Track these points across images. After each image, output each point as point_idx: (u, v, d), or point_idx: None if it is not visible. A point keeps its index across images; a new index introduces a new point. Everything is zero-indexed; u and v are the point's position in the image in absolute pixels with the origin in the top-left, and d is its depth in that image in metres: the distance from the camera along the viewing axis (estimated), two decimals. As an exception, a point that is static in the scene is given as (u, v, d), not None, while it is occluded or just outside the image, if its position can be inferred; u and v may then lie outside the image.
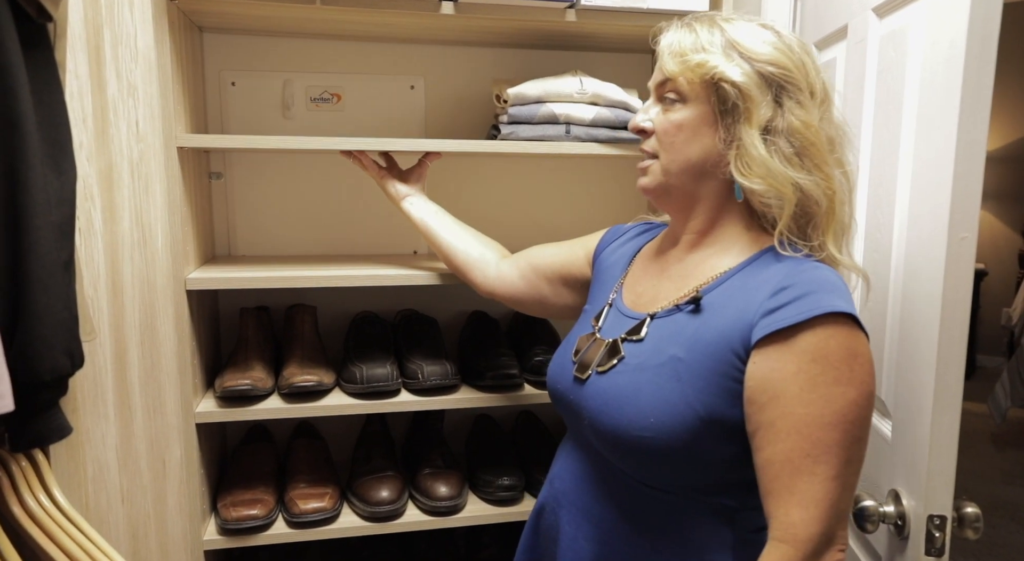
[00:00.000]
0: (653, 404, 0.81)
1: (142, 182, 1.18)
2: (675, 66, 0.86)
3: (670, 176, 0.89)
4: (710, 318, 0.83)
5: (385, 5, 1.23)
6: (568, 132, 1.35)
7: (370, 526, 1.33)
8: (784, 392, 0.75)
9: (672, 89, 0.87)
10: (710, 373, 0.80)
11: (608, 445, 0.87)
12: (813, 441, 0.74)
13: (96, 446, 1.20)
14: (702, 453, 0.80)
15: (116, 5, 1.11)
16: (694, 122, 0.86)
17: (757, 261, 0.86)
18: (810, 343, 0.75)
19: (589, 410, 0.88)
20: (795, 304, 0.76)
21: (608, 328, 0.95)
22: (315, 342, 1.45)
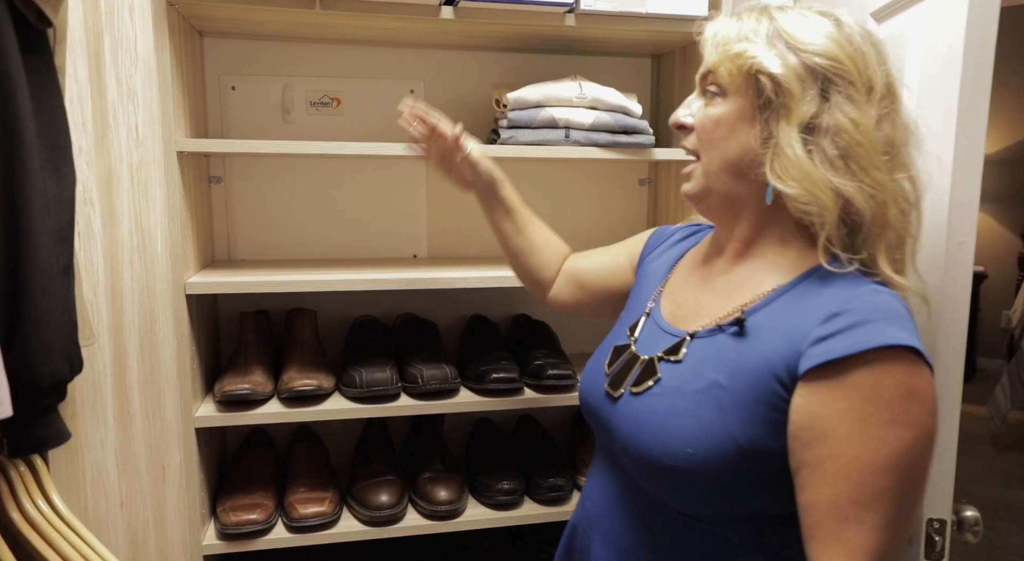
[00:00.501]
0: (691, 432, 0.75)
1: (142, 186, 1.18)
2: (715, 56, 0.79)
3: (710, 177, 0.82)
4: (755, 342, 0.75)
5: (385, 10, 1.23)
6: (567, 136, 1.35)
7: (370, 530, 1.33)
8: (833, 431, 0.68)
9: (713, 81, 0.80)
10: (753, 402, 0.73)
11: (641, 471, 0.81)
12: (863, 486, 0.66)
13: (95, 451, 1.20)
14: (742, 484, 0.74)
15: (116, 10, 1.12)
16: (732, 117, 0.79)
17: (808, 280, 0.77)
18: (864, 379, 0.67)
19: (621, 432, 0.83)
20: (849, 333, 0.68)
21: (644, 341, 0.89)
22: (315, 346, 1.45)
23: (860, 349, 0.67)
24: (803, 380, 0.70)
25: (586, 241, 1.63)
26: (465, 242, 1.64)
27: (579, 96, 1.35)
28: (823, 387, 0.68)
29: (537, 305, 1.68)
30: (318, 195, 1.55)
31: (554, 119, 1.34)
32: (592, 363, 0.96)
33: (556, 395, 1.39)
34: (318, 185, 1.55)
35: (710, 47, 0.81)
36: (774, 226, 0.81)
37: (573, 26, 1.31)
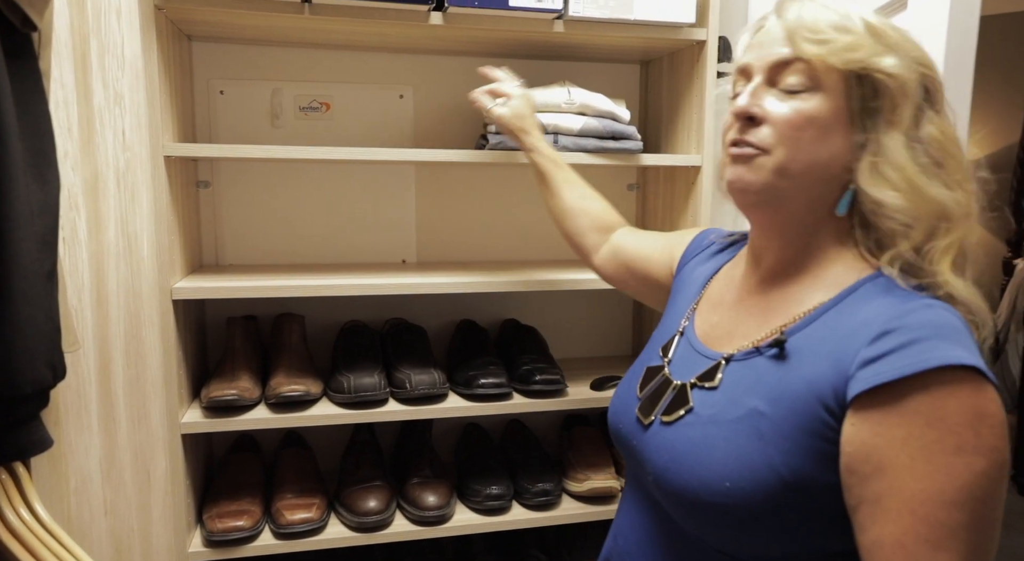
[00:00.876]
0: (729, 465, 0.69)
1: (128, 191, 1.17)
2: (813, 47, 0.70)
3: (785, 178, 0.72)
4: (797, 365, 0.69)
5: (374, 15, 1.23)
6: (556, 142, 1.36)
7: (358, 537, 1.32)
8: (892, 463, 0.61)
9: (802, 73, 0.71)
10: (797, 432, 0.66)
11: (675, 506, 0.75)
12: (931, 523, 0.59)
13: (79, 458, 1.19)
14: (787, 521, 0.67)
15: (103, 14, 1.11)
16: (829, 118, 0.70)
17: (854, 295, 0.71)
18: (923, 403, 0.60)
19: (654, 464, 0.77)
20: (902, 353, 0.62)
21: (678, 363, 0.83)
22: (303, 351, 1.44)
23: (915, 370, 0.60)
24: (853, 407, 0.63)
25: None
26: (454, 247, 1.64)
27: (568, 102, 1.36)
28: (877, 414, 0.62)
29: (526, 310, 1.68)
30: (307, 200, 1.55)
31: (543, 125, 1.34)
32: (624, 385, 0.90)
33: (544, 400, 1.39)
34: (307, 190, 1.55)
35: (801, 35, 0.71)
36: (823, 238, 0.75)
37: (562, 32, 1.32)
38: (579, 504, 1.45)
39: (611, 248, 1.13)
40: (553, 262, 1.64)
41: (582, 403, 1.42)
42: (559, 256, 1.69)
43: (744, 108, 0.73)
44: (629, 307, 1.77)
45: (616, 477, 1.46)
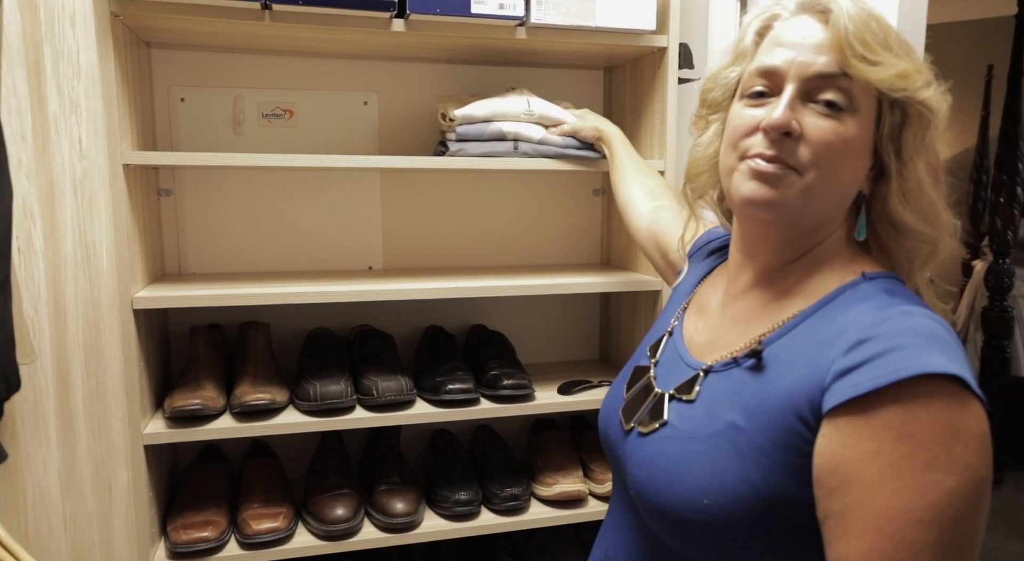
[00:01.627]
0: (707, 482, 0.66)
1: (86, 200, 1.16)
2: (864, 66, 0.66)
3: (811, 199, 0.68)
4: (774, 376, 0.67)
5: (335, 22, 1.23)
6: (516, 148, 1.38)
7: (325, 545, 1.31)
8: (859, 477, 0.58)
9: (843, 91, 0.67)
10: (774, 447, 0.64)
11: (656, 522, 0.73)
12: (897, 542, 0.56)
13: (37, 471, 1.17)
14: (768, 537, 0.65)
15: (57, 21, 1.10)
16: (860, 141, 0.68)
17: (834, 302, 0.69)
18: (895, 415, 0.58)
19: (634, 478, 0.75)
20: (876, 363, 0.59)
21: (663, 366, 0.82)
22: (268, 360, 1.43)
23: (889, 381, 0.58)
24: (827, 418, 0.61)
25: (543, 249, 1.65)
26: (421, 253, 1.64)
27: (527, 112, 1.39)
28: (849, 426, 0.59)
29: (494, 316, 1.69)
30: (271, 207, 1.54)
31: (503, 132, 1.36)
32: (616, 382, 0.89)
33: (512, 405, 1.40)
34: (271, 197, 1.54)
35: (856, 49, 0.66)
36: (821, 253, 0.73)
37: (524, 39, 1.33)
38: (548, 508, 1.45)
39: (652, 217, 1.16)
40: (520, 267, 1.65)
41: (550, 408, 1.43)
42: (526, 261, 1.70)
43: (784, 122, 0.67)
44: (596, 312, 1.78)
45: (584, 481, 1.47)
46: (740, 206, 0.72)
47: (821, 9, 0.69)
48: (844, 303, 0.68)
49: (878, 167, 0.71)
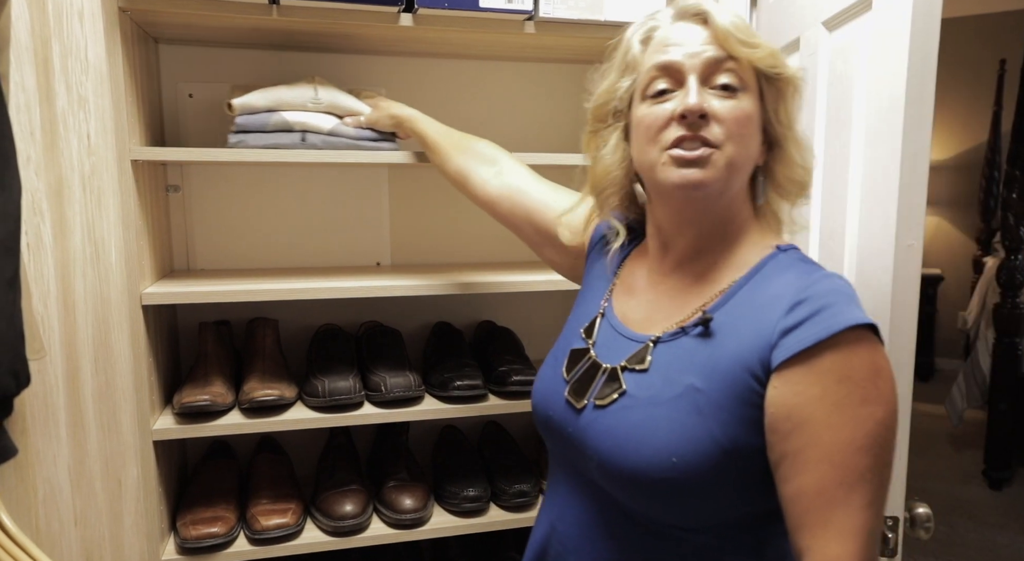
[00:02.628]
0: (674, 441, 0.73)
1: (94, 196, 1.16)
2: (746, 50, 0.76)
3: (733, 171, 0.77)
4: (724, 340, 0.75)
5: (343, 16, 1.23)
6: (304, 140, 1.28)
7: (334, 541, 1.32)
8: (810, 418, 0.68)
9: (734, 73, 0.77)
10: (731, 402, 0.72)
11: (621, 487, 0.78)
12: (846, 468, 0.67)
13: (47, 467, 1.17)
14: (729, 487, 0.74)
15: (65, 16, 1.09)
16: (755, 114, 0.78)
17: (761, 272, 0.78)
18: (834, 362, 0.68)
19: (596, 450, 0.79)
20: (814, 320, 0.70)
21: (602, 345, 0.86)
22: (276, 356, 1.43)
23: (829, 333, 0.68)
24: (776, 372, 0.70)
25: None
26: (428, 249, 1.64)
27: (314, 101, 1.28)
28: (796, 376, 0.69)
29: (502, 311, 1.68)
30: (279, 203, 1.54)
31: (288, 123, 1.26)
32: (547, 369, 0.92)
33: (521, 401, 1.39)
34: (279, 193, 1.54)
35: (737, 37, 0.76)
36: (736, 223, 0.82)
37: (532, 34, 1.32)
38: (556, 504, 1.45)
39: (507, 188, 1.13)
40: (528, 263, 1.64)
41: (558, 403, 1.43)
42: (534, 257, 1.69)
43: (699, 104, 0.75)
44: (605, 307, 1.77)
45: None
46: (671, 191, 0.79)
47: (695, 13, 0.80)
48: (770, 272, 0.78)
49: (768, 142, 0.81)
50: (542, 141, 1.66)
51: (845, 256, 1.06)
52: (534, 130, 1.66)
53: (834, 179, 1.10)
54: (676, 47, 0.78)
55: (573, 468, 0.86)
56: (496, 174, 1.16)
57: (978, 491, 3.32)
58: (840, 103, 1.09)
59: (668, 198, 0.82)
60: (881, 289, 0.95)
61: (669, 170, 0.77)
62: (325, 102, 1.28)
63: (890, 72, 0.93)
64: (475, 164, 1.19)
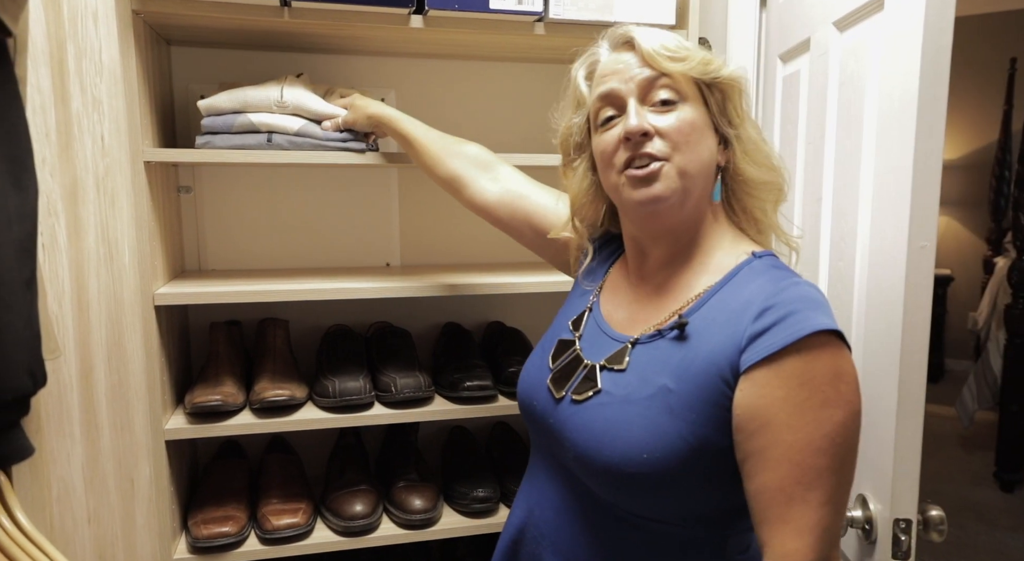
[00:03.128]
0: (646, 439, 0.77)
1: (108, 197, 1.16)
2: (676, 64, 0.81)
3: (687, 179, 0.81)
4: (697, 344, 0.79)
5: (354, 18, 1.23)
6: (270, 140, 1.26)
7: (344, 541, 1.32)
8: (773, 419, 0.72)
9: (669, 88, 0.82)
10: (702, 403, 0.76)
11: (596, 479, 0.82)
12: (804, 468, 0.71)
13: (61, 466, 1.18)
14: (696, 482, 0.78)
15: (80, 19, 1.10)
16: (701, 121, 0.83)
17: (735, 278, 0.82)
18: (796, 367, 0.72)
19: (573, 443, 0.83)
20: (780, 326, 0.74)
21: (587, 339, 0.91)
22: (287, 356, 1.43)
23: (793, 339, 0.72)
24: (744, 375, 0.74)
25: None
26: (438, 250, 1.64)
27: (279, 103, 1.26)
28: (761, 379, 0.73)
29: (511, 312, 1.69)
30: (289, 204, 1.55)
31: (253, 124, 1.25)
32: (536, 356, 0.97)
33: (530, 402, 1.39)
34: (289, 194, 1.54)
35: (664, 54, 0.82)
36: (704, 227, 0.86)
37: (543, 35, 1.32)
38: (566, 505, 1.45)
39: (506, 193, 1.15)
40: (537, 264, 1.64)
41: (567, 404, 1.43)
42: (543, 258, 1.69)
43: (640, 126, 0.81)
44: (614, 308, 1.77)
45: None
46: (634, 209, 0.84)
47: (625, 41, 0.86)
48: (744, 278, 0.81)
49: (722, 140, 0.85)
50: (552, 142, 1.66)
51: (857, 258, 1.06)
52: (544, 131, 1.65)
53: (845, 180, 1.10)
54: (612, 76, 0.85)
55: (552, 455, 0.90)
56: (493, 179, 1.17)
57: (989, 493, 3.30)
58: (851, 103, 1.09)
59: (634, 215, 0.87)
60: (893, 290, 0.94)
61: (629, 190, 0.83)
62: (290, 105, 1.27)
63: (902, 72, 0.93)
64: (471, 170, 1.18)
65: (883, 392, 0.96)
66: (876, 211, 1.00)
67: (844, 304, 1.10)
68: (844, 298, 1.10)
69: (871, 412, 1.00)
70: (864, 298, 1.04)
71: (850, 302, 1.08)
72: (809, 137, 1.26)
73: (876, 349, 0.99)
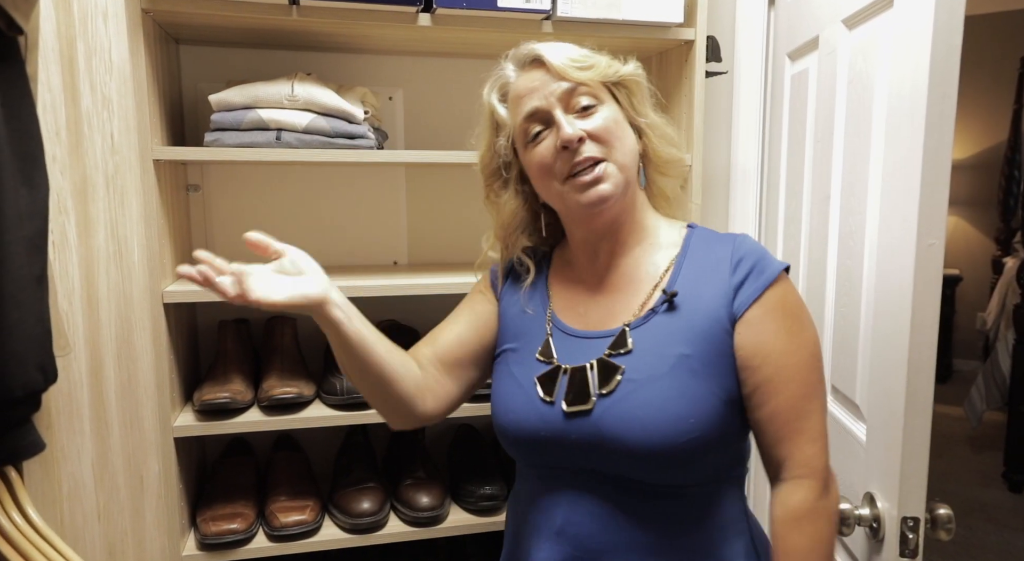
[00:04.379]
0: (685, 405, 0.82)
1: (117, 195, 1.17)
2: (587, 73, 0.88)
3: (626, 171, 0.89)
4: (690, 309, 0.86)
5: (362, 17, 1.23)
6: (279, 138, 1.25)
7: (352, 538, 1.32)
8: (772, 350, 0.83)
9: (586, 94, 0.88)
10: (716, 356, 0.84)
11: (649, 462, 0.83)
12: (805, 384, 0.84)
13: (71, 462, 1.19)
14: (731, 432, 0.85)
15: (90, 18, 1.11)
16: (618, 117, 0.90)
17: (691, 246, 0.92)
18: (778, 300, 0.85)
19: (619, 437, 0.83)
20: (755, 272, 0.86)
21: (569, 356, 0.90)
22: (295, 354, 1.44)
23: (770, 280, 0.85)
24: (740, 320, 0.85)
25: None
26: (445, 248, 1.64)
27: (290, 97, 1.25)
28: (755, 318, 0.84)
29: (518, 310, 1.68)
30: (297, 202, 1.55)
31: (263, 120, 1.25)
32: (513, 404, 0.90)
33: (537, 400, 1.39)
34: (297, 193, 1.55)
35: (570, 67, 0.87)
36: (639, 210, 0.93)
37: (551, 33, 1.32)
38: (572, 503, 1.45)
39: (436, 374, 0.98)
40: (544, 262, 1.64)
41: (574, 402, 1.43)
42: (550, 256, 1.69)
43: (575, 133, 0.86)
44: (621, 306, 1.77)
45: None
46: (583, 210, 0.89)
47: (533, 59, 0.91)
48: (699, 244, 0.92)
49: (638, 132, 0.92)
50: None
51: (865, 255, 1.06)
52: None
53: (854, 177, 1.10)
54: (531, 94, 0.89)
55: (576, 473, 0.89)
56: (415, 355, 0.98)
57: (997, 494, 3.28)
58: (860, 101, 1.08)
59: (582, 216, 0.90)
60: (902, 288, 0.94)
61: (576, 195, 0.87)
62: (301, 99, 1.26)
63: (912, 70, 0.93)
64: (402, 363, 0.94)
65: (891, 391, 0.96)
66: (884, 208, 1.00)
67: (852, 302, 1.09)
68: (852, 296, 1.09)
69: (880, 410, 1.00)
70: (872, 296, 1.04)
71: (858, 300, 1.07)
72: (817, 135, 1.25)
73: (884, 348, 0.99)
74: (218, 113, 1.25)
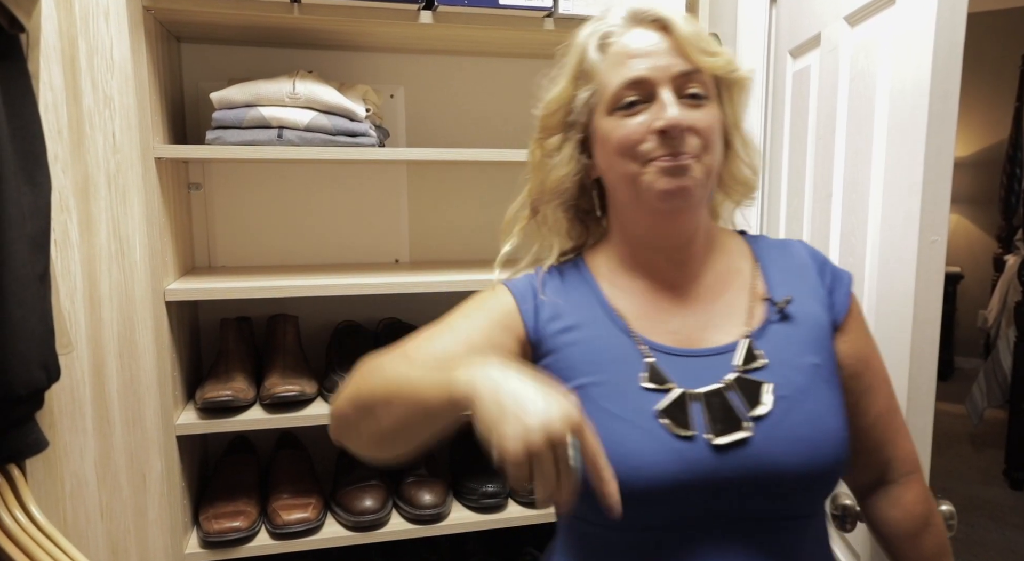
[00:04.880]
0: (836, 419, 0.76)
1: (119, 194, 1.17)
2: (710, 59, 0.76)
3: (710, 177, 0.78)
4: (799, 316, 0.80)
5: (364, 14, 1.23)
6: (280, 136, 1.25)
7: (354, 536, 1.33)
8: (867, 356, 0.84)
9: (701, 83, 0.76)
10: (834, 365, 0.81)
11: (810, 483, 0.74)
12: (890, 383, 0.86)
13: (74, 460, 1.19)
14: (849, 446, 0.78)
15: (91, 16, 1.11)
16: (721, 121, 0.79)
17: (760, 253, 0.86)
18: (856, 307, 0.85)
19: (775, 464, 0.72)
20: (837, 278, 0.85)
21: (688, 378, 0.76)
22: (297, 352, 1.44)
23: (851, 284, 0.85)
24: (840, 328, 0.82)
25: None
26: (447, 246, 1.65)
27: (291, 95, 1.25)
28: (851, 326, 0.83)
29: (519, 308, 1.68)
30: (299, 201, 1.55)
31: (264, 118, 1.24)
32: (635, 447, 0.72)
33: (539, 398, 1.39)
34: (299, 191, 1.55)
35: (699, 47, 0.75)
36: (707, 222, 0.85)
37: (552, 30, 1.32)
38: (574, 501, 1.45)
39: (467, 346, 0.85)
40: (546, 260, 1.64)
41: (576, 400, 1.43)
42: (552, 254, 1.69)
43: (681, 119, 0.74)
44: (622, 304, 1.77)
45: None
46: (661, 199, 0.76)
47: (652, 20, 0.78)
48: (765, 250, 0.87)
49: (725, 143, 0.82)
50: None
51: (867, 252, 1.06)
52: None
53: (856, 175, 1.10)
54: (641, 59, 0.76)
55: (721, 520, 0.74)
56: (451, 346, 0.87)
57: (999, 491, 3.28)
58: (862, 98, 1.08)
59: (652, 209, 0.78)
60: (904, 285, 0.94)
61: (656, 180, 0.75)
62: (303, 97, 1.24)
63: (914, 67, 0.92)
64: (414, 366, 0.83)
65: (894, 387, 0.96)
66: (886, 206, 1.00)
67: (854, 300, 1.09)
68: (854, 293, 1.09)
69: (882, 408, 1.00)
70: (875, 293, 1.04)
71: (860, 297, 1.07)
72: (819, 133, 1.25)
73: (886, 345, 0.99)
74: (219, 111, 1.25)
